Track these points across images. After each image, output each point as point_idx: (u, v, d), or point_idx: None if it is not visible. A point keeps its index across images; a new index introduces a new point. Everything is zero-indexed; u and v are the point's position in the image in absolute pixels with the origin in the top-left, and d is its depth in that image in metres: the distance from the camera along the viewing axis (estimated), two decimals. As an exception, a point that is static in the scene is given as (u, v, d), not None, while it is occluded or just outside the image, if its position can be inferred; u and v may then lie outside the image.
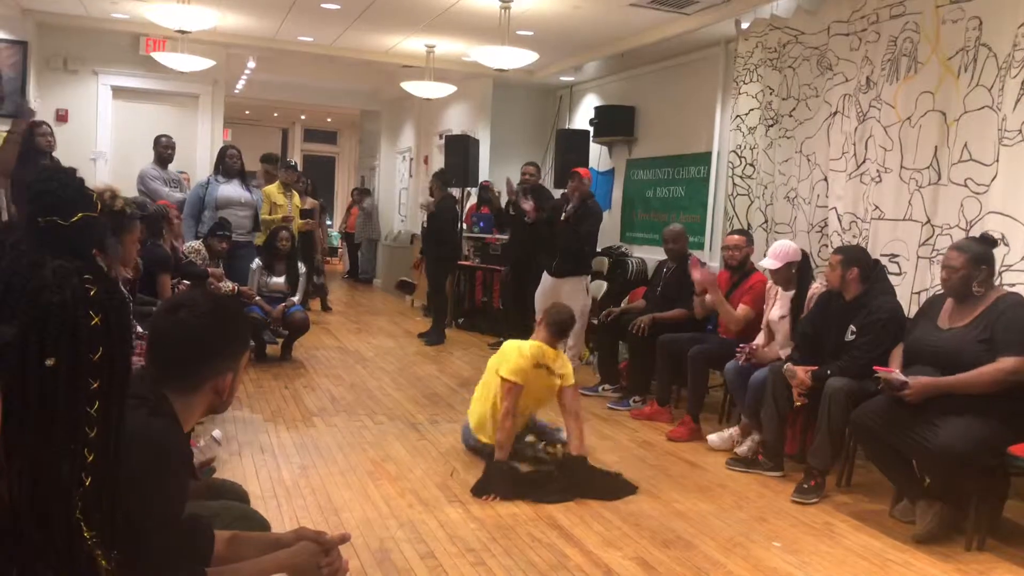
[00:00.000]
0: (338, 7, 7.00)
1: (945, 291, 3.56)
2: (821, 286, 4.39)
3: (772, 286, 4.70)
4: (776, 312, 4.62)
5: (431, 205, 8.04)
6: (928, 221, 4.54)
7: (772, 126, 5.87)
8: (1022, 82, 3.98)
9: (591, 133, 8.36)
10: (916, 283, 4.57)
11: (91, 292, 0.98)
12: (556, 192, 7.69)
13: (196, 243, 6.31)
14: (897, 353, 3.72)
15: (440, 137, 10.59)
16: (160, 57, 7.69)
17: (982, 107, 4.23)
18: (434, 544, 3.13)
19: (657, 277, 5.92)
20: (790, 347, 4.40)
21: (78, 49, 8.45)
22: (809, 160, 5.49)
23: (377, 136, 14.05)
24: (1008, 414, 3.26)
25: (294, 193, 8.17)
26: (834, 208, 5.19)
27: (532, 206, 6.67)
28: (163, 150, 7.06)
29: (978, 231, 4.02)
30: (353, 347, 7.36)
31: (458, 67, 8.77)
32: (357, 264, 13.71)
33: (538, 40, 7.26)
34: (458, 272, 8.79)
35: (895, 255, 4.71)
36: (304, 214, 8.49)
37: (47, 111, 8.00)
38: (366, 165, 15.42)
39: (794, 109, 5.67)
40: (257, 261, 6.64)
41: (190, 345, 1.54)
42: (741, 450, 4.42)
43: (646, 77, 7.99)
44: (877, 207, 4.86)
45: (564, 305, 4.37)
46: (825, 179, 5.32)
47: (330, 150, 18.87)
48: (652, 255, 7.14)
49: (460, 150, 8.94)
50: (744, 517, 3.60)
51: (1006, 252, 3.96)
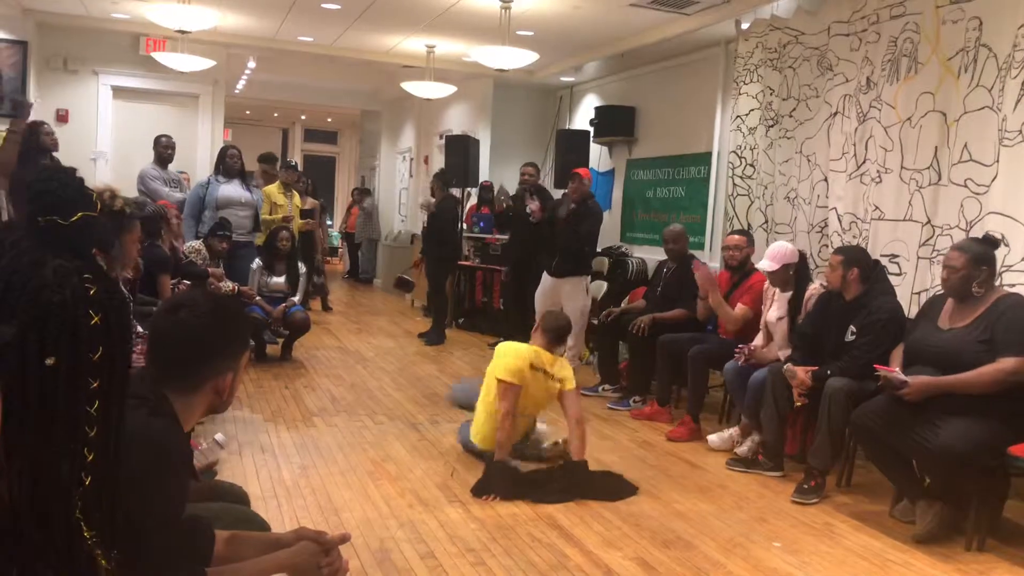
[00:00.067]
0: (338, 7, 7.00)
1: (945, 291, 3.56)
2: (819, 287, 4.39)
3: (769, 287, 4.70)
4: (774, 313, 4.61)
5: (431, 205, 8.04)
6: (928, 221, 4.54)
7: (772, 126, 5.87)
8: (1022, 83, 3.98)
9: (591, 133, 8.37)
10: (916, 283, 4.57)
11: (91, 291, 0.98)
12: (556, 193, 7.69)
13: (196, 243, 6.32)
14: (897, 353, 3.72)
15: (440, 137, 10.59)
16: (160, 57, 7.70)
17: (982, 107, 4.23)
18: (434, 544, 3.13)
19: (657, 277, 5.92)
20: (788, 348, 4.41)
21: (78, 49, 8.45)
22: (809, 160, 5.49)
23: (377, 136, 14.06)
24: (1008, 414, 3.26)
25: (294, 193, 8.18)
26: (834, 208, 5.19)
27: (538, 206, 6.66)
28: (163, 150, 7.06)
29: (978, 231, 4.03)
30: (353, 347, 7.36)
31: (458, 67, 8.78)
32: (357, 264, 13.72)
33: (538, 40, 7.26)
34: (458, 272, 8.79)
35: (895, 255, 4.71)
36: (304, 214, 8.49)
37: (47, 111, 8.01)
38: (366, 165, 15.42)
39: (794, 109, 5.67)
40: (257, 261, 6.63)
41: (190, 345, 1.55)
42: (741, 450, 4.42)
43: (646, 77, 7.99)
44: (877, 207, 4.86)
45: (560, 312, 4.36)
46: (825, 179, 5.32)
47: (330, 150, 18.87)
48: (652, 255, 7.15)
49: (460, 150, 8.94)
50: (744, 517, 3.60)
51: (1006, 252, 3.95)
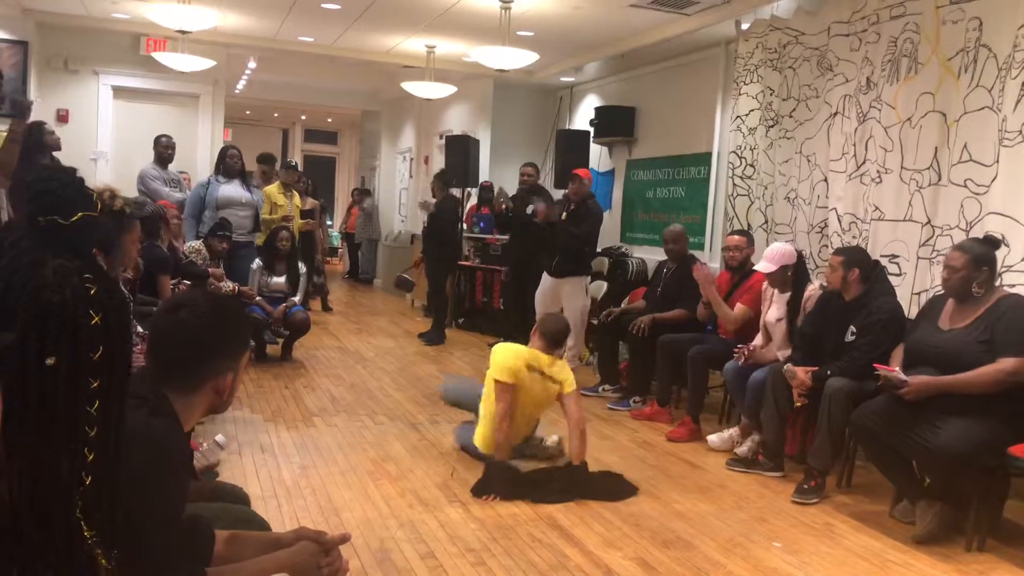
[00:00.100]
0: (338, 7, 7.00)
1: (945, 291, 3.56)
2: (817, 288, 4.39)
3: (768, 288, 4.70)
4: (773, 314, 4.61)
5: (431, 205, 8.04)
6: (928, 222, 4.53)
7: (772, 127, 5.87)
8: (1022, 83, 3.98)
9: (591, 133, 8.36)
10: (916, 284, 4.57)
11: (91, 291, 0.98)
12: (557, 193, 7.69)
13: (197, 243, 6.32)
14: (898, 354, 3.72)
15: (440, 137, 10.58)
16: (160, 57, 7.70)
17: (982, 108, 4.23)
18: (434, 544, 3.13)
19: (657, 277, 5.91)
20: (787, 349, 4.41)
21: (78, 49, 8.45)
22: (809, 161, 5.49)
23: (377, 136, 14.06)
24: (1008, 415, 3.26)
25: (294, 193, 8.17)
26: (834, 209, 5.19)
27: (544, 207, 6.66)
28: (163, 150, 7.06)
29: (978, 232, 4.03)
30: (353, 347, 7.36)
31: (458, 67, 8.78)
32: (357, 264, 13.72)
33: (538, 40, 7.26)
34: (458, 272, 8.79)
35: (895, 256, 4.71)
36: (304, 214, 8.50)
37: (48, 111, 8.01)
38: (366, 165, 15.42)
39: (794, 110, 5.67)
40: (257, 261, 6.63)
41: (190, 345, 1.55)
42: (741, 450, 4.42)
43: (646, 78, 7.99)
44: (877, 208, 4.86)
45: (558, 315, 4.35)
46: (825, 180, 5.32)
47: (330, 150, 18.87)
48: (652, 255, 7.14)
49: (460, 150, 8.94)
50: (744, 517, 3.60)
51: (1006, 253, 3.95)
